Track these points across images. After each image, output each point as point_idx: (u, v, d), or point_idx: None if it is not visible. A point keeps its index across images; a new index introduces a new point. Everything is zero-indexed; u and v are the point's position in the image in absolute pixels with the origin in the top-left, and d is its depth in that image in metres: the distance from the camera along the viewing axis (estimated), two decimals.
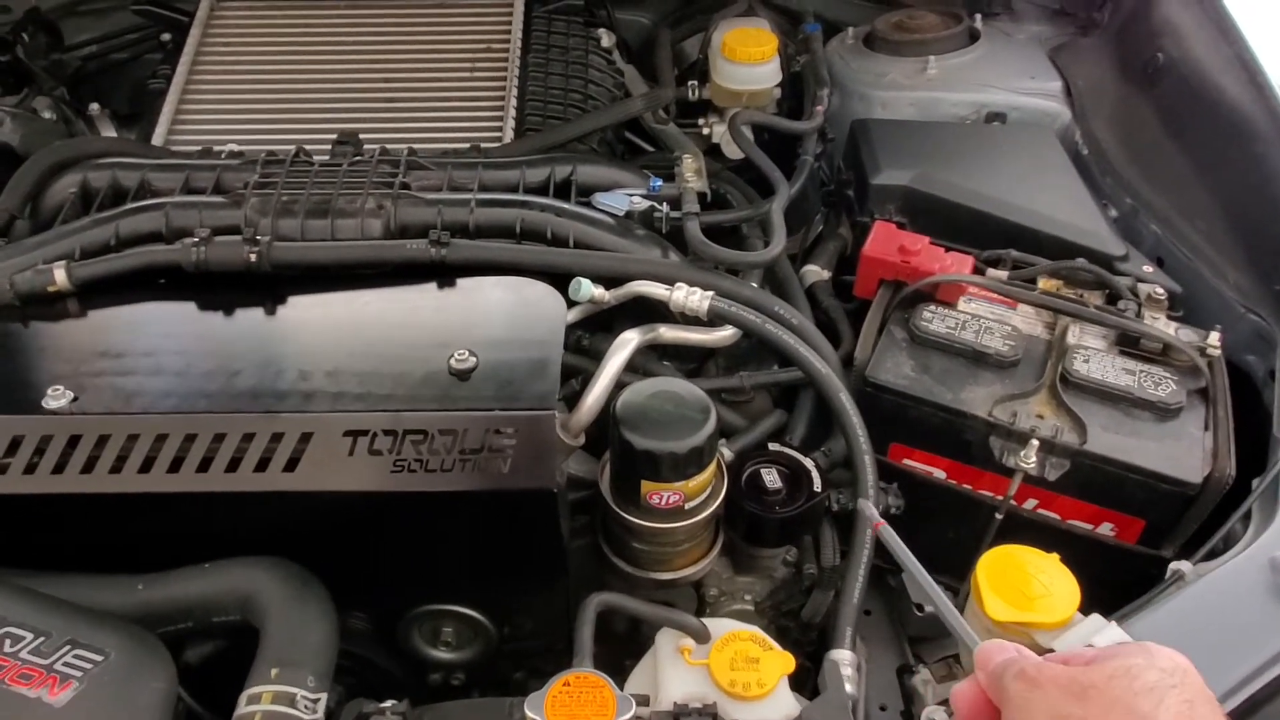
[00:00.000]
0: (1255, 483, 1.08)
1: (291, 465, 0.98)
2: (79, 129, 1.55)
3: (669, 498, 1.04)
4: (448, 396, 1.02)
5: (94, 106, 1.57)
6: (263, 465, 0.98)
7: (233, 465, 0.98)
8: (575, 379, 1.22)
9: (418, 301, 1.17)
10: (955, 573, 1.07)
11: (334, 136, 1.40)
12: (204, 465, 0.98)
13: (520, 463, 0.98)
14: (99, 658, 0.87)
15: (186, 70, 1.57)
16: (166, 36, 1.68)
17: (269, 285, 1.18)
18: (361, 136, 1.43)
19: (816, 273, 1.41)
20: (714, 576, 1.19)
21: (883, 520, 0.89)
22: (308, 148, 1.38)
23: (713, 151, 1.70)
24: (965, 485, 1.18)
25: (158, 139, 1.47)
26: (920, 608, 1.28)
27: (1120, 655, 0.61)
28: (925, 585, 0.78)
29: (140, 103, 1.60)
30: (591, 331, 1.28)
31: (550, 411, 1.00)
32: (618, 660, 1.10)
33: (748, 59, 1.60)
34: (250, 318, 1.15)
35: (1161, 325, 1.20)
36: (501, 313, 1.13)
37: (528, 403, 1.01)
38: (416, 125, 1.50)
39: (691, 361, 1.33)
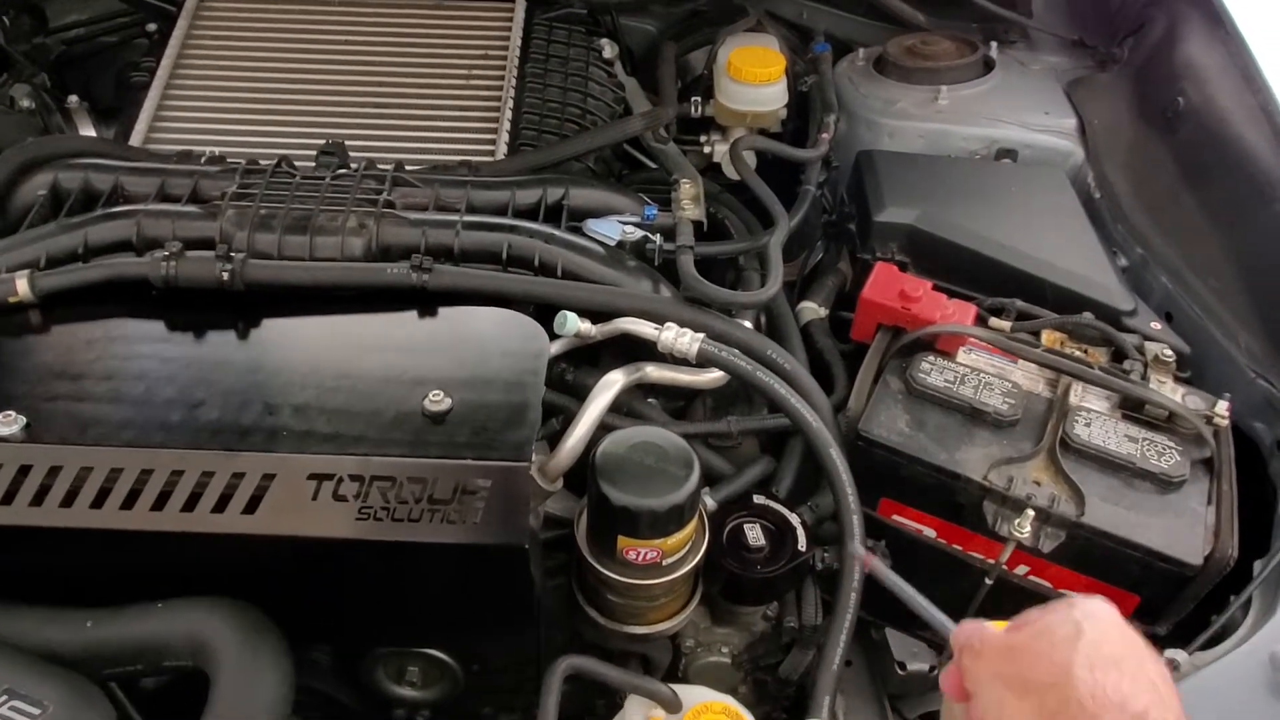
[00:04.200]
0: (1257, 566, 1.04)
1: (251, 507, 0.93)
2: (55, 122, 1.49)
3: (646, 554, 1.00)
4: (420, 441, 0.97)
5: (72, 99, 1.51)
6: (221, 506, 0.93)
7: (189, 504, 0.93)
8: (556, 418, 1.17)
9: (395, 331, 1.12)
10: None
11: (321, 143, 1.34)
12: (159, 503, 0.93)
13: (491, 516, 0.93)
14: (36, 710, 0.83)
15: (171, 65, 1.51)
16: (152, 27, 1.62)
17: (241, 305, 1.13)
18: (350, 144, 1.37)
19: (813, 310, 1.36)
20: (691, 627, 1.16)
21: (871, 556, 0.92)
22: (293, 154, 1.33)
23: (713, 170, 1.64)
24: (955, 546, 1.14)
25: (136, 138, 1.42)
26: (903, 666, 1.25)
27: (1047, 613, 0.67)
28: (914, 603, 0.81)
29: (122, 96, 1.53)
30: (576, 365, 1.24)
31: (525, 464, 0.95)
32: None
33: (753, 79, 1.54)
34: (219, 342, 1.10)
35: (1168, 389, 1.16)
36: (481, 348, 1.08)
37: (502, 452, 0.96)
38: (407, 135, 1.44)
39: (679, 400, 1.28)
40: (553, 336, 1.15)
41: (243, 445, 0.96)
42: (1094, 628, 0.64)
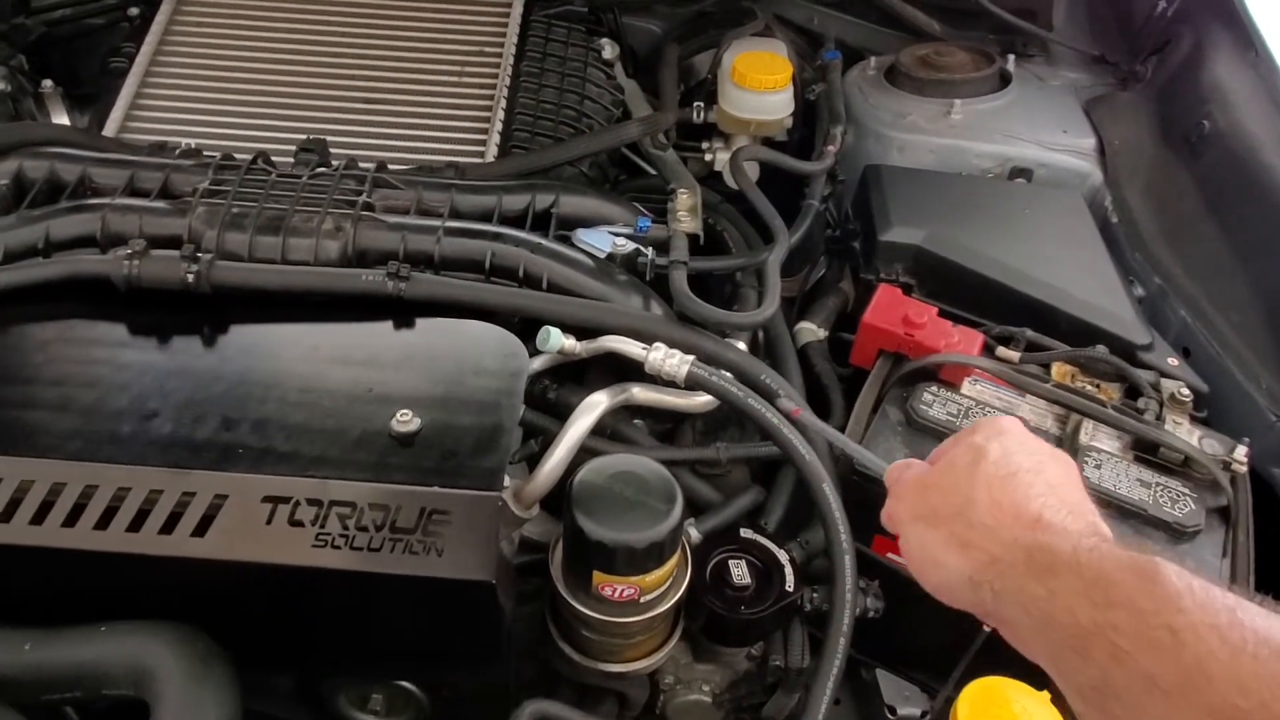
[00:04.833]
0: None
1: (201, 529, 0.87)
2: (27, 107, 1.43)
3: (623, 591, 0.94)
4: (384, 464, 0.91)
5: (47, 84, 1.45)
6: (169, 527, 0.87)
7: (135, 524, 0.87)
8: (535, 439, 1.11)
9: (367, 343, 1.05)
10: (935, 674, 0.98)
11: (303, 138, 1.28)
12: (103, 521, 0.87)
13: (456, 549, 0.87)
14: None
15: (151, 52, 1.45)
16: (135, 11, 1.56)
17: (206, 308, 1.07)
18: (334, 141, 1.31)
19: (812, 331, 1.30)
20: (671, 662, 1.09)
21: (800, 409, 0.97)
22: (275, 149, 1.27)
23: (714, 178, 1.58)
24: None
25: (111, 126, 1.36)
26: (893, 710, 1.18)
27: (954, 443, 0.70)
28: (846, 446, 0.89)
29: (100, 82, 1.47)
30: (560, 382, 1.17)
31: (494, 494, 0.89)
32: None
33: (758, 86, 1.48)
34: (179, 348, 1.04)
35: (1184, 431, 1.09)
36: (456, 364, 1.02)
37: (471, 480, 0.90)
38: (394, 133, 1.38)
39: (668, 421, 1.22)
40: (535, 352, 1.09)
41: (195, 462, 0.90)
42: (996, 447, 0.67)
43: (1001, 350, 1.17)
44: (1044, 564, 0.59)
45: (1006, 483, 0.64)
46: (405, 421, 0.93)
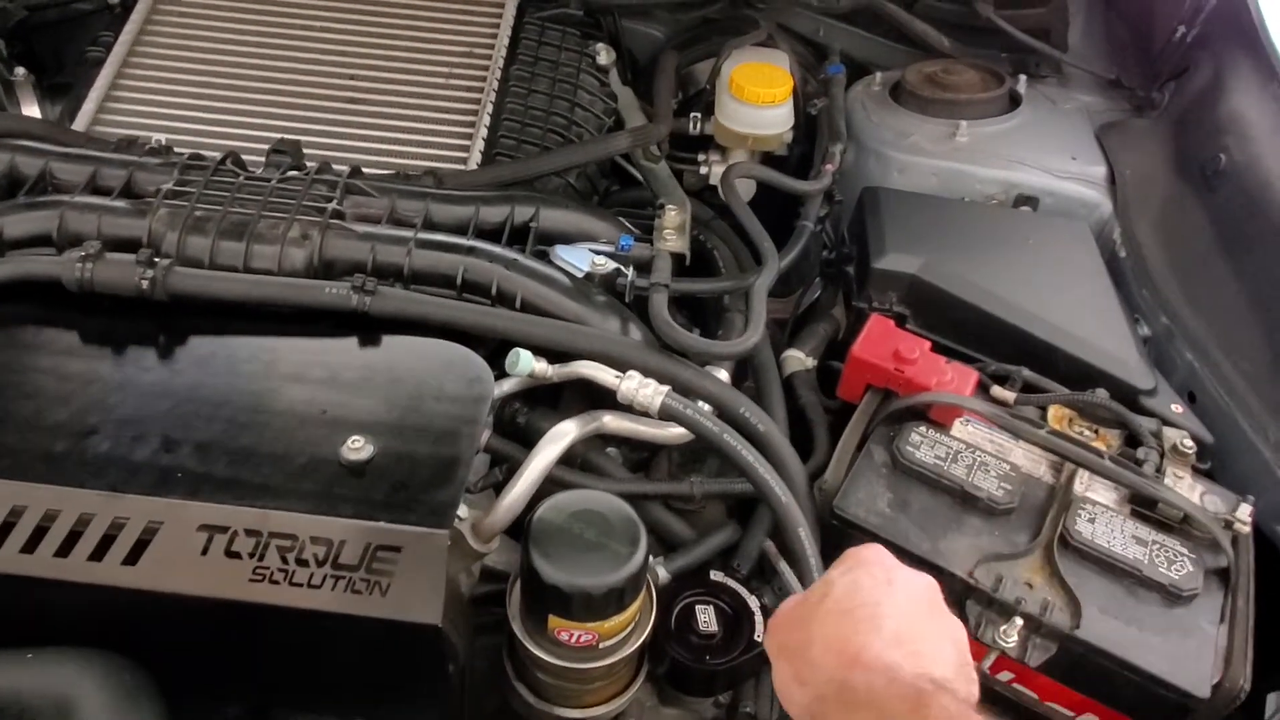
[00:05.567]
0: (1271, 701, 0.92)
1: (133, 557, 0.82)
2: None
3: (580, 636, 0.89)
4: (330, 495, 0.86)
5: (19, 71, 1.40)
6: (99, 553, 0.82)
7: (64, 549, 0.82)
8: (500, 467, 1.06)
9: (326, 360, 1.00)
10: None
11: (280, 138, 1.23)
12: (30, 544, 0.82)
13: (403, 590, 0.82)
14: None
15: (130, 42, 1.40)
16: None
17: (161, 316, 1.02)
18: (311, 143, 1.26)
19: (799, 360, 1.24)
20: (635, 705, 1.04)
21: None
22: (249, 149, 1.22)
23: (709, 192, 1.52)
24: None
25: (83, 119, 1.30)
26: None
27: (824, 576, 0.73)
28: None
29: (75, 72, 1.42)
30: (532, 406, 1.12)
31: (444, 532, 0.84)
32: None
33: (757, 100, 1.42)
34: (128, 359, 0.99)
35: (1185, 485, 1.03)
36: (416, 388, 0.97)
37: (422, 516, 0.85)
38: (375, 136, 1.33)
39: (642, 450, 1.17)
40: (505, 374, 1.04)
41: (130, 485, 0.85)
42: (845, 582, 0.70)
43: (996, 390, 1.11)
44: (849, 701, 0.64)
45: (840, 620, 0.67)
46: (356, 449, 0.88)
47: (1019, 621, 0.93)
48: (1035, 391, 1.12)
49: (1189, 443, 1.07)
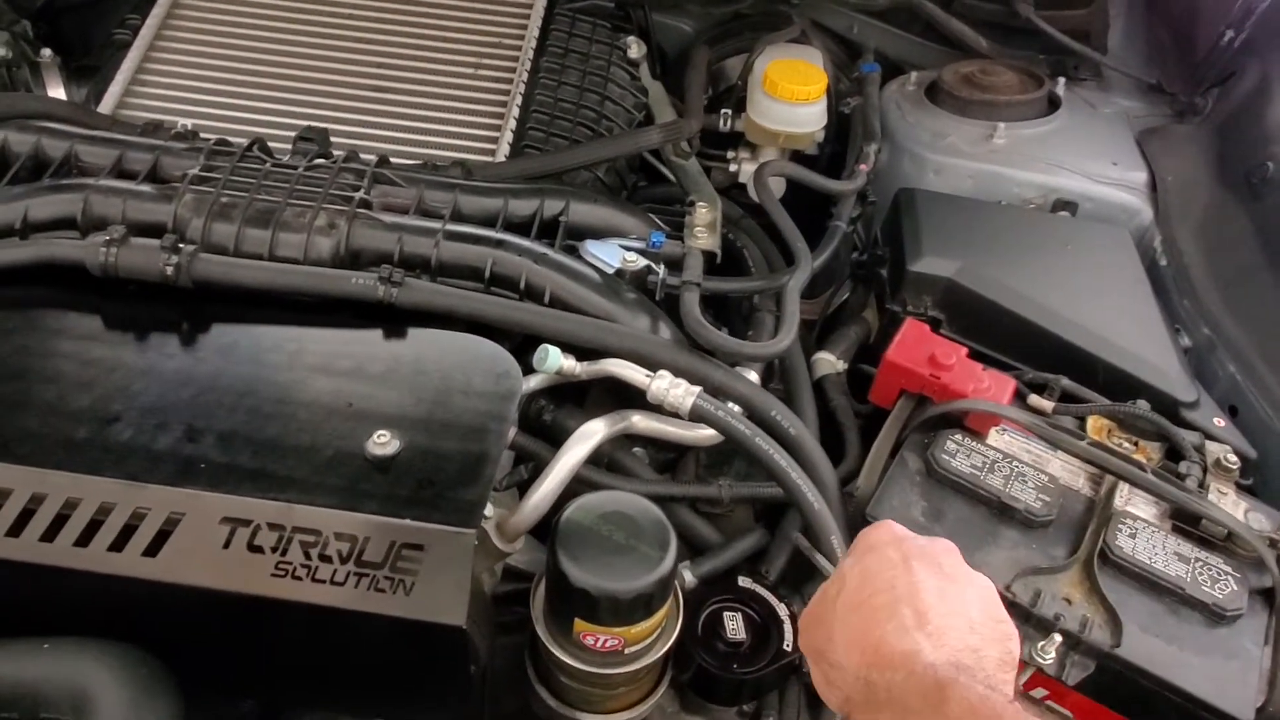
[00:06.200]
0: None
1: (154, 549, 0.81)
2: (22, 76, 1.37)
3: (606, 641, 0.87)
4: (356, 490, 0.84)
5: (45, 53, 1.39)
6: (119, 544, 0.81)
7: (84, 538, 0.81)
8: (526, 465, 1.04)
9: (352, 351, 0.98)
10: None
11: (307, 125, 1.21)
12: (49, 533, 0.81)
13: (427, 589, 0.80)
14: None
15: (157, 25, 1.39)
16: None
17: (185, 303, 1.01)
18: (338, 131, 1.25)
19: (830, 363, 1.22)
20: (657, 711, 1.02)
21: None
22: (275, 136, 1.20)
23: (738, 190, 1.50)
24: None
25: (108, 102, 1.29)
26: None
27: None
28: None
29: (101, 54, 1.41)
30: (558, 404, 1.10)
31: (471, 531, 0.82)
32: None
33: (790, 97, 1.39)
34: (151, 345, 0.97)
35: (1229, 501, 1.01)
36: (443, 383, 0.95)
37: (448, 514, 0.83)
38: (402, 125, 1.31)
39: (670, 451, 1.14)
40: (533, 370, 1.02)
41: (152, 475, 0.83)
42: (856, 572, 0.68)
43: (1034, 399, 1.08)
44: (871, 701, 0.62)
45: (856, 615, 0.65)
46: (383, 444, 0.86)
47: (1057, 638, 0.90)
48: (1074, 401, 1.10)
49: (1233, 458, 1.04)
